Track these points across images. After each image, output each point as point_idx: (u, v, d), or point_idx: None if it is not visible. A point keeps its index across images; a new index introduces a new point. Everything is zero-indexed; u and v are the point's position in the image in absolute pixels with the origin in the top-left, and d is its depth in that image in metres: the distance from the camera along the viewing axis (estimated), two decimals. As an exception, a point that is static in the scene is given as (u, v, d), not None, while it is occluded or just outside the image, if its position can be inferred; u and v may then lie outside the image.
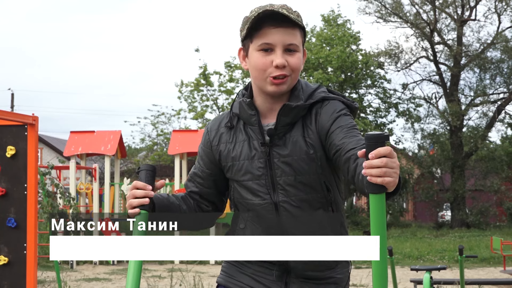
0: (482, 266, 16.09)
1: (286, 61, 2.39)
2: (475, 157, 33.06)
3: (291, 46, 2.41)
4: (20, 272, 5.50)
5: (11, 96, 45.58)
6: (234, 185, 2.52)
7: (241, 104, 2.49)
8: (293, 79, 2.45)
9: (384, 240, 1.93)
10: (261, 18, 2.38)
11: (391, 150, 1.91)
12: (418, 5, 33.12)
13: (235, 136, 2.51)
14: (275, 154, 2.42)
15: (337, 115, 2.40)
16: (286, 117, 2.42)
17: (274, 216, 2.42)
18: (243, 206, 2.50)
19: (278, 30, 2.39)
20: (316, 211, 2.43)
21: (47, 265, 15.57)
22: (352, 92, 32.70)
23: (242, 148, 2.47)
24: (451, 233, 27.15)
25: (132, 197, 2.31)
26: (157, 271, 14.85)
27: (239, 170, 2.47)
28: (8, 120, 5.50)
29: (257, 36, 2.41)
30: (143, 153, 39.43)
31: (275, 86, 2.41)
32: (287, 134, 2.44)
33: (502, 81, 33.69)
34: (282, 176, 2.41)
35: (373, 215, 1.90)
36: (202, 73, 33.51)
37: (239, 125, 2.52)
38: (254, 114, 2.46)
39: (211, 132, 2.58)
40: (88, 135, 17.09)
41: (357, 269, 15.52)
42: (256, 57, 2.43)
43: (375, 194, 1.89)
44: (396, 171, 1.90)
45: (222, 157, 2.52)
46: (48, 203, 13.58)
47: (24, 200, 5.53)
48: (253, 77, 2.48)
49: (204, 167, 2.59)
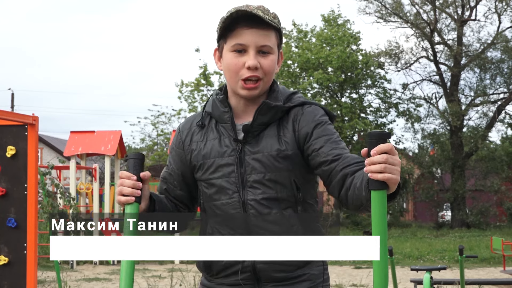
0: (482, 266, 16.09)
1: (258, 62, 2.36)
2: (475, 157, 33.06)
3: (264, 48, 2.37)
4: (20, 272, 5.50)
5: (11, 96, 45.60)
6: (202, 187, 2.46)
7: (214, 101, 2.47)
8: (266, 82, 2.42)
9: (384, 239, 1.92)
10: (234, 18, 2.35)
11: (393, 147, 1.92)
12: (418, 5, 33.12)
13: (206, 135, 2.47)
14: (247, 151, 2.39)
15: (320, 121, 2.39)
16: (264, 116, 2.40)
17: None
18: (211, 210, 2.44)
19: (251, 31, 2.36)
20: (284, 210, 2.37)
21: (47, 265, 15.57)
22: (352, 92, 32.71)
23: (212, 146, 2.43)
24: (451, 233, 27.15)
25: (122, 188, 2.26)
26: (157, 271, 14.85)
27: (209, 168, 2.42)
28: (8, 120, 5.50)
29: (231, 36, 2.39)
30: (143, 153, 39.42)
31: (247, 90, 2.39)
32: (261, 133, 2.41)
33: (502, 81, 33.69)
34: (252, 174, 2.37)
35: (374, 213, 1.90)
36: (202, 73, 33.51)
37: (211, 124, 2.48)
38: (227, 111, 2.43)
39: (183, 132, 2.54)
40: (88, 135, 17.09)
41: (357, 269, 15.52)
42: (229, 58, 2.40)
43: (376, 191, 1.90)
44: (397, 168, 1.91)
45: (193, 156, 2.48)
46: (48, 203, 13.57)
47: (24, 200, 5.52)
48: (227, 78, 2.46)
49: (175, 168, 2.54)
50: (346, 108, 30.97)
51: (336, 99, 32.08)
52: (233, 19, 2.35)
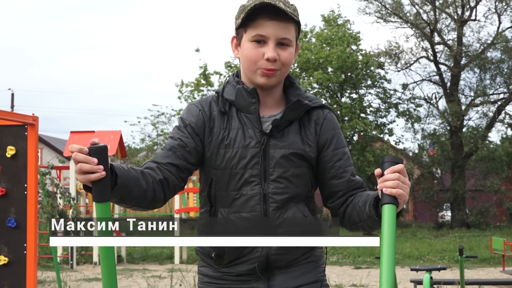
0: (482, 267, 16.09)
1: (277, 55, 2.38)
2: (475, 157, 33.06)
3: (284, 40, 2.39)
4: (20, 272, 5.50)
5: (11, 96, 45.60)
6: (217, 176, 2.41)
7: (240, 90, 2.44)
8: (283, 73, 2.44)
9: (393, 250, 2.01)
10: (257, 9, 2.36)
11: (404, 168, 2.13)
12: (418, 5, 33.13)
13: (229, 123, 2.44)
14: (272, 144, 2.40)
15: (338, 131, 2.52)
16: (293, 112, 2.44)
17: (260, 208, 2.38)
18: (224, 200, 2.41)
19: (272, 23, 2.37)
20: (298, 203, 2.43)
21: (47, 265, 15.58)
22: (352, 92, 32.71)
23: (236, 135, 2.41)
24: (451, 233, 27.15)
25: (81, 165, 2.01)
26: (157, 271, 14.85)
27: (231, 158, 2.39)
28: (8, 120, 5.50)
29: (251, 26, 2.39)
30: (143, 153, 39.44)
31: (266, 78, 2.40)
32: (285, 128, 2.44)
33: (502, 81, 33.70)
34: (276, 167, 2.39)
35: (384, 226, 2.04)
36: (202, 73, 33.51)
37: (231, 112, 2.46)
38: (254, 102, 2.42)
39: (205, 112, 2.46)
40: (88, 135, 17.07)
41: (357, 269, 15.53)
42: (248, 48, 2.41)
43: (388, 205, 2.08)
44: (407, 188, 2.11)
45: (213, 142, 2.42)
46: (48, 203, 13.58)
47: (24, 200, 5.53)
48: (244, 67, 2.47)
49: (192, 141, 2.42)
50: (346, 108, 30.96)
51: (336, 99, 32.08)
52: (255, 10, 2.36)
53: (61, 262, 15.94)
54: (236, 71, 2.56)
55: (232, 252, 2.41)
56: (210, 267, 2.50)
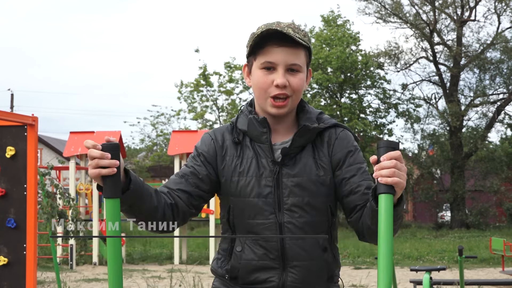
0: (482, 267, 16.09)
1: (287, 81, 2.37)
2: (474, 157, 33.07)
3: (293, 66, 2.38)
4: (19, 272, 5.49)
5: (10, 97, 45.60)
6: (234, 204, 2.42)
7: (251, 120, 2.44)
8: (294, 100, 2.42)
9: (390, 244, 1.95)
10: (265, 36, 2.35)
11: (400, 154, 2.04)
12: (418, 6, 33.14)
13: (242, 151, 2.44)
14: (285, 173, 2.39)
15: (352, 148, 2.45)
16: (301, 138, 2.42)
17: (277, 238, 2.37)
18: (243, 227, 2.42)
19: (281, 49, 2.37)
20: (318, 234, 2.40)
21: (46, 265, 15.57)
22: (352, 93, 32.71)
23: (250, 164, 2.41)
24: (451, 234, 27.15)
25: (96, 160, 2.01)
26: (156, 271, 14.85)
27: (245, 186, 2.39)
28: (7, 120, 5.49)
29: (260, 54, 2.39)
30: (143, 154, 39.44)
31: (276, 108, 2.40)
32: (297, 155, 2.42)
33: (502, 82, 33.72)
34: (290, 197, 2.37)
35: (381, 216, 1.95)
36: (202, 73, 33.53)
37: (245, 141, 2.46)
38: (266, 131, 2.42)
39: (217, 142, 2.48)
40: (88, 136, 17.08)
41: (356, 269, 15.53)
42: (258, 75, 2.41)
43: (384, 194, 1.98)
44: (404, 174, 2.02)
45: (225, 169, 2.43)
46: (48, 204, 13.57)
47: (23, 200, 5.52)
48: (255, 95, 2.47)
49: (204, 169, 2.44)
50: (346, 108, 30.96)
51: (335, 99, 32.08)
52: (263, 37, 2.36)
53: (61, 262, 15.94)
54: (250, 100, 2.56)
55: (246, 278, 2.41)
56: (225, 283, 2.50)
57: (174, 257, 16.68)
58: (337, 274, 2.50)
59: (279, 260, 2.37)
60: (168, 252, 18.41)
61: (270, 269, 2.38)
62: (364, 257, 17.93)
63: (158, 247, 20.19)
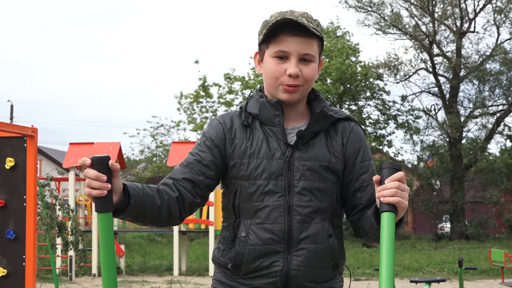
0: (482, 278, 16.06)
1: (300, 70, 2.38)
2: (474, 169, 33.05)
3: (306, 56, 2.39)
4: (18, 284, 5.48)
5: (10, 108, 45.63)
6: (241, 186, 2.41)
7: (263, 103, 2.43)
8: (306, 89, 2.44)
9: (392, 261, 1.98)
10: (279, 24, 2.35)
11: (403, 175, 2.11)
12: (417, 17, 33.22)
13: (252, 134, 2.44)
14: (297, 156, 2.39)
15: (364, 143, 2.52)
16: (317, 124, 2.44)
17: (284, 219, 2.36)
18: (247, 211, 2.40)
19: (295, 38, 2.37)
20: (323, 220, 2.40)
21: (46, 277, 15.54)
22: (351, 104, 32.74)
23: (261, 146, 2.41)
24: (451, 245, 27.11)
25: (90, 181, 2.08)
26: (156, 283, 14.81)
27: (256, 168, 2.38)
28: (7, 131, 5.50)
29: (274, 42, 2.40)
30: (142, 165, 39.41)
31: (288, 94, 2.41)
32: (310, 140, 2.43)
33: (501, 93, 33.73)
34: (301, 180, 2.38)
35: (383, 234, 2.02)
36: (202, 84, 33.55)
37: (255, 124, 2.46)
38: (278, 114, 2.42)
39: (226, 125, 2.46)
40: (87, 147, 17.09)
41: (356, 281, 15.49)
42: (271, 64, 2.41)
43: (387, 212, 2.06)
44: (406, 195, 2.09)
45: (235, 152, 2.42)
46: (47, 215, 13.53)
47: (23, 212, 5.52)
48: (266, 83, 2.47)
49: (209, 155, 2.42)
50: (345, 119, 30.92)
51: (335, 110, 32.06)
52: (277, 25, 2.36)
53: (60, 274, 15.91)
54: (260, 86, 2.56)
55: (250, 265, 2.39)
56: (226, 275, 2.48)
57: (174, 268, 16.64)
58: (343, 264, 2.49)
59: (284, 243, 2.36)
60: (168, 263, 18.36)
61: (275, 254, 2.36)
62: (364, 268, 17.90)
63: (157, 259, 20.15)
